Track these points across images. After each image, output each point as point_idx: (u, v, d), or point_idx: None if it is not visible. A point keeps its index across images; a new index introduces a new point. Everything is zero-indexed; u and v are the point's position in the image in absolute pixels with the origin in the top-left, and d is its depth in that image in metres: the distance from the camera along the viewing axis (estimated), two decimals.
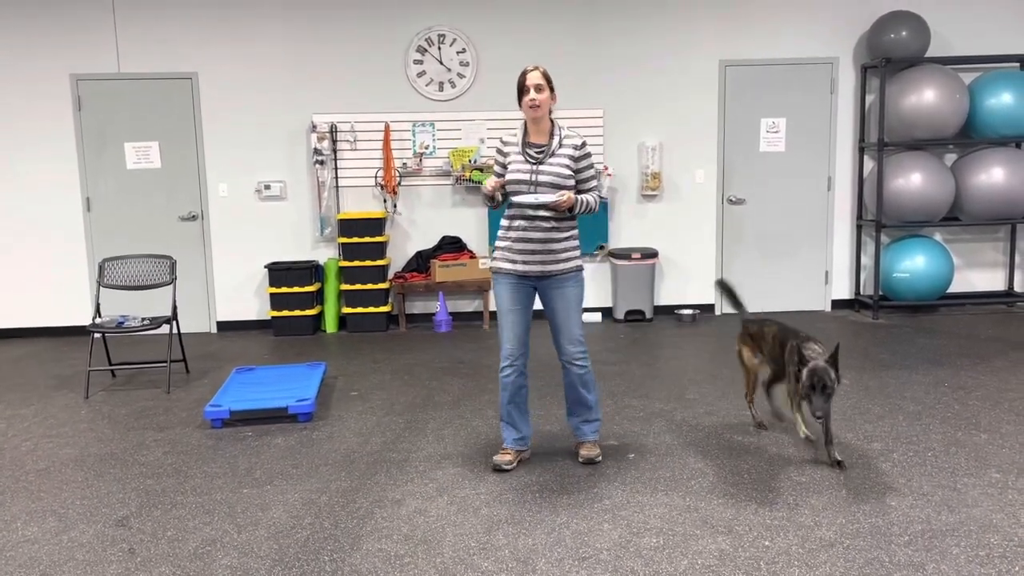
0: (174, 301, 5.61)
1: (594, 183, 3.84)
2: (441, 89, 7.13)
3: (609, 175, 7.13)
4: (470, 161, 7.06)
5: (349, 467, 3.94)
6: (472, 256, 7.13)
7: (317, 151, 7.02)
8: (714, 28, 7.19)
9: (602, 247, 7.30)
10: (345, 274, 7.02)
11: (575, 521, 3.29)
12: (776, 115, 7.28)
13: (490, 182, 3.78)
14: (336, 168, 7.14)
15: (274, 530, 3.29)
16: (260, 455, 4.13)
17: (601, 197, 7.12)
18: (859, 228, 7.45)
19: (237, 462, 4.04)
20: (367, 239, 6.95)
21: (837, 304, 7.55)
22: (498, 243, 3.89)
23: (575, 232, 3.84)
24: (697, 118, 7.27)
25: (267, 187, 7.12)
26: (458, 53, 7.10)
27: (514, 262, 3.79)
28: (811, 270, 7.49)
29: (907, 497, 3.44)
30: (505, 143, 3.86)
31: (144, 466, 4.03)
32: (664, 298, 7.44)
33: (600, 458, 3.93)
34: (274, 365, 5.75)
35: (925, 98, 6.81)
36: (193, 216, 7.15)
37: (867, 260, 7.49)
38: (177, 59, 6.99)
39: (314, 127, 7.02)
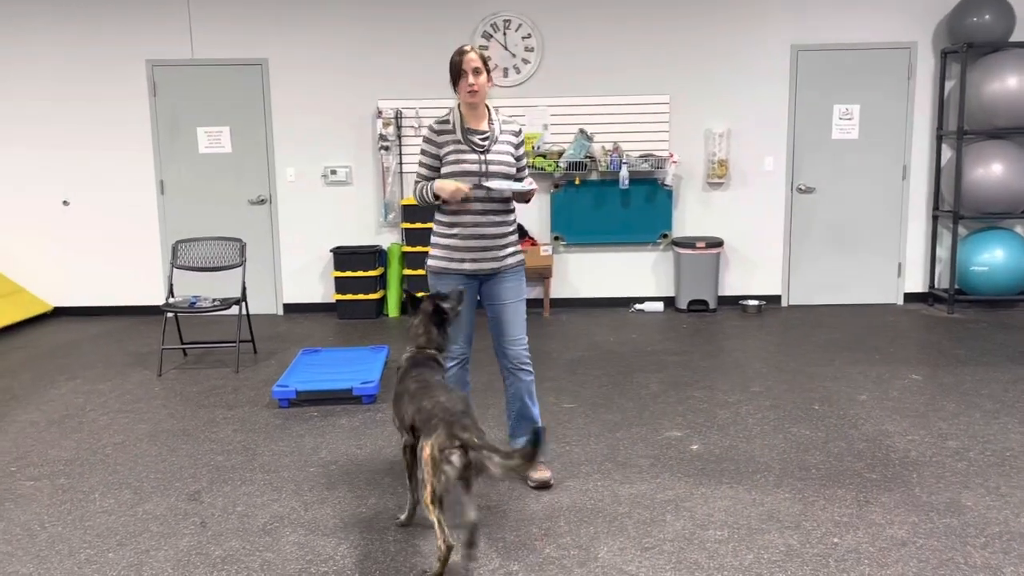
0: (243, 283, 5.74)
1: (527, 171, 3.63)
2: (506, 75, 7.11)
3: (674, 162, 7.03)
4: (533, 147, 7.04)
5: None
6: (533, 243, 7.11)
7: (382, 137, 7.08)
8: (786, 11, 7.01)
9: (665, 235, 7.21)
10: (408, 259, 7.08)
11: (637, 511, 3.26)
12: (850, 101, 7.06)
13: (451, 186, 3.36)
14: (401, 154, 7.20)
15: (339, 509, 3.35)
16: (325, 435, 4.20)
17: (666, 186, 7.05)
18: (935, 219, 7.20)
19: (303, 441, 4.12)
20: (430, 224, 6.97)
21: (910, 297, 7.32)
22: (438, 241, 3.53)
23: (516, 224, 3.63)
24: (767, 104, 7.11)
25: (333, 172, 7.22)
26: (523, 39, 7.07)
27: (462, 261, 3.48)
28: (883, 262, 7.27)
29: (984, 497, 3.32)
30: (439, 132, 3.48)
31: (214, 442, 4.14)
32: (729, 288, 7.31)
33: (552, 480, 3.53)
34: (338, 347, 5.85)
35: (1009, 84, 6.53)
36: (262, 200, 7.30)
37: (943, 252, 7.23)
38: (248, 45, 7.12)
39: (379, 113, 7.09)
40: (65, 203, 7.29)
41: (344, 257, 7.03)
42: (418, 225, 6.99)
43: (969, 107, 6.74)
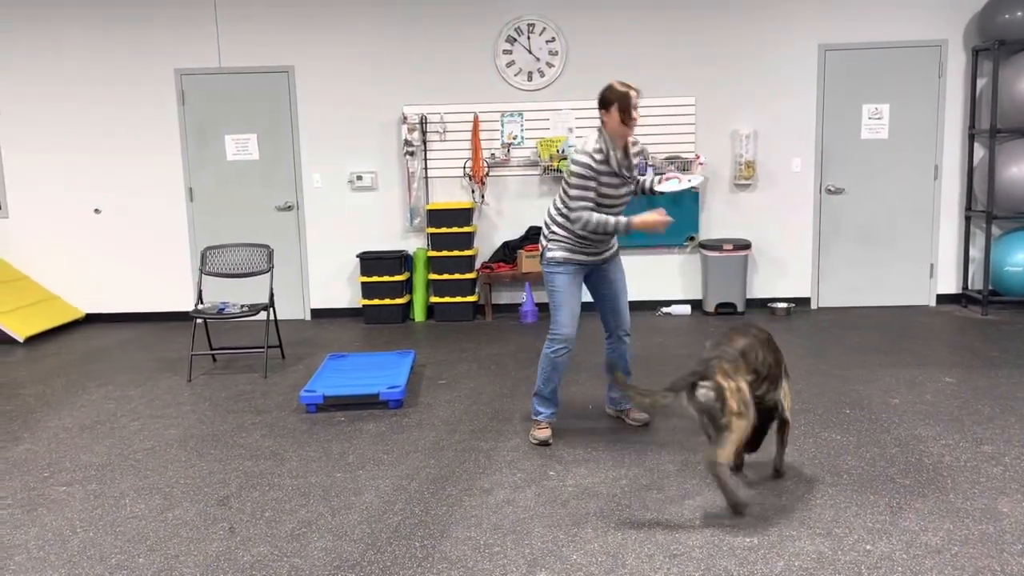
0: (271, 289, 5.78)
1: (636, 172, 4.09)
2: (530, 79, 7.11)
3: (701, 164, 6.98)
4: (558, 151, 7.02)
5: (438, 454, 3.98)
6: None
7: (407, 142, 7.10)
8: (813, 11, 6.94)
9: (692, 238, 7.16)
10: (433, 264, 7.10)
11: (665, 517, 3.23)
12: (879, 101, 6.97)
13: (654, 219, 3.80)
14: (426, 159, 7.22)
15: (367, 514, 3.35)
16: (352, 440, 4.21)
17: (694, 188, 6.99)
18: (967, 219, 7.08)
19: (331, 446, 4.14)
20: (455, 229, 7.01)
21: (942, 299, 7.20)
22: (556, 237, 4.00)
23: None
24: (794, 105, 7.04)
25: (359, 178, 7.26)
26: (547, 42, 7.06)
27: (583, 253, 3.99)
28: (915, 263, 7.17)
29: (1021, 503, 3.24)
30: (598, 162, 3.83)
31: (243, 448, 4.16)
32: (757, 291, 7.24)
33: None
34: (365, 352, 5.87)
35: None
36: (289, 206, 7.35)
37: (976, 253, 7.11)
38: (274, 53, 7.18)
39: (405, 118, 7.11)
40: (97, 211, 7.39)
41: (370, 262, 7.06)
42: (444, 230, 7.00)
43: (1002, 105, 6.62)
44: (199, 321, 5.71)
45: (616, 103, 3.78)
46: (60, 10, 7.16)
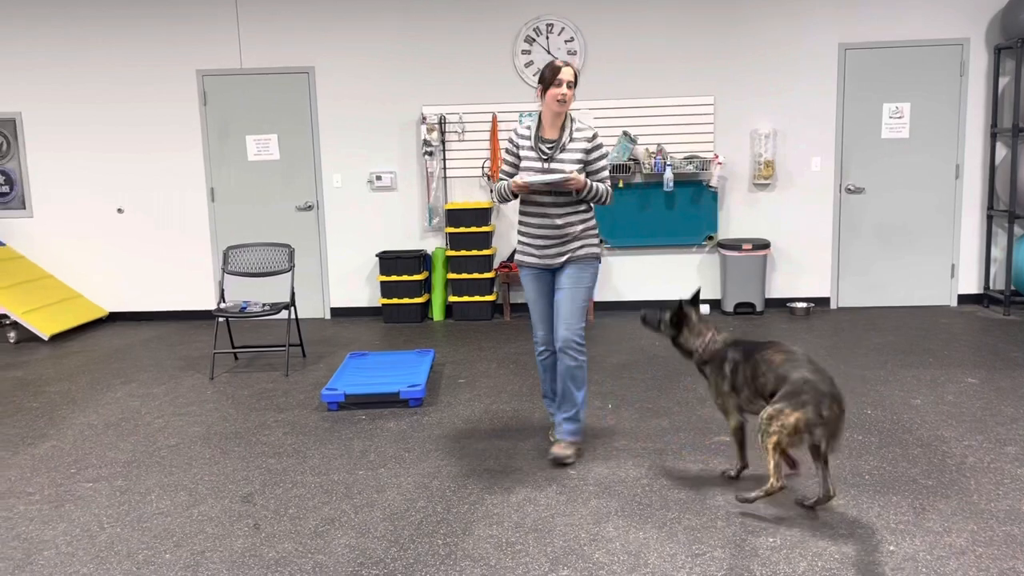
0: (292, 288, 5.82)
1: (605, 174, 3.83)
2: None
3: (720, 163, 6.97)
4: None
5: (459, 453, 4.00)
6: None
7: (426, 142, 7.13)
8: (833, 9, 6.91)
9: (711, 237, 7.15)
10: (452, 263, 7.12)
11: (687, 517, 3.24)
12: (900, 100, 6.93)
13: (517, 179, 3.71)
14: (444, 159, 7.25)
15: (389, 512, 3.38)
16: (374, 438, 4.24)
17: (711, 187, 6.99)
18: (990, 219, 7.02)
19: (352, 444, 4.17)
20: (473, 229, 7.03)
21: (964, 299, 7.15)
22: (519, 237, 3.93)
23: (592, 222, 3.86)
24: (814, 104, 7.01)
25: (378, 178, 7.29)
26: (566, 42, 7.07)
27: (532, 255, 3.86)
28: (936, 263, 7.12)
29: None
30: (519, 135, 3.85)
31: (266, 445, 4.21)
32: (776, 291, 7.22)
33: (572, 460, 3.80)
34: (385, 351, 5.90)
35: None
36: (309, 206, 7.40)
37: (998, 253, 7.05)
38: (295, 54, 7.23)
39: (424, 119, 7.14)
40: (120, 211, 7.47)
41: (389, 262, 7.09)
42: (462, 229, 7.03)
43: None
44: (221, 320, 5.77)
45: (546, 78, 3.75)
46: (84, 11, 7.24)
